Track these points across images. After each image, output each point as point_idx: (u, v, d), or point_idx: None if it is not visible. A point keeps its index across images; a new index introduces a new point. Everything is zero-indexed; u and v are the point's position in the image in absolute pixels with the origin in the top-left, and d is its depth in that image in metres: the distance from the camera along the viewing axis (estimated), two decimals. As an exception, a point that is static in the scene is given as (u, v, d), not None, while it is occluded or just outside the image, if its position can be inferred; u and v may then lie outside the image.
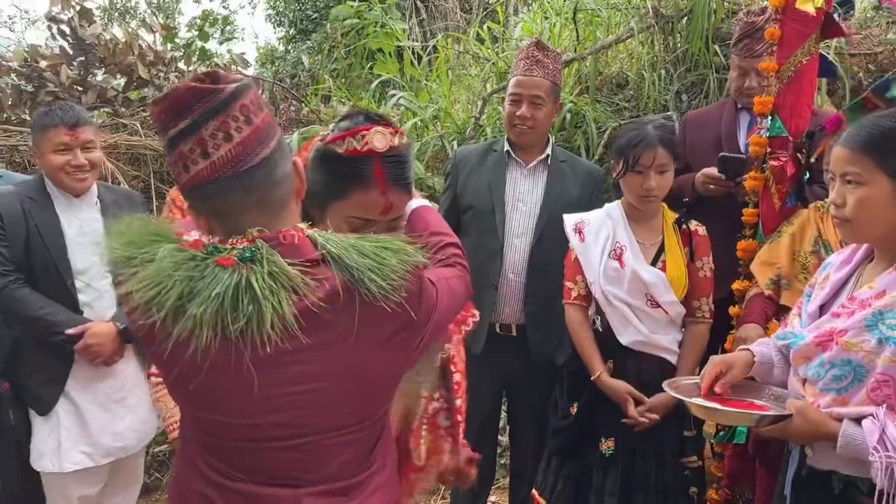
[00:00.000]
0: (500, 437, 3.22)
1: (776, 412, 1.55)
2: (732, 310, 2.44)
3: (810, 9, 2.33)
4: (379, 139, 1.33)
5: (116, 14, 17.77)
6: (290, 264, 1.10)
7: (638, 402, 2.25)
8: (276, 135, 1.15)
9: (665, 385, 1.79)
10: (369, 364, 1.18)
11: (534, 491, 2.45)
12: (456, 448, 1.74)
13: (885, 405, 1.43)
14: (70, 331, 2.28)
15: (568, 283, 2.40)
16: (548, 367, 2.58)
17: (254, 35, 21.38)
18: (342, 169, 1.35)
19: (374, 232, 1.34)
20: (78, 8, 4.27)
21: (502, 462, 3.37)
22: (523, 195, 2.63)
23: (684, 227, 2.33)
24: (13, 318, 2.34)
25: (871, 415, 1.43)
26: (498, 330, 2.62)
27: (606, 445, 2.30)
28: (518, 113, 2.57)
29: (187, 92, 1.08)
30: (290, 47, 10.75)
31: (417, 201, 1.55)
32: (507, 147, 2.67)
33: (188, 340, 1.07)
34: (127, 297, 1.11)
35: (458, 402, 1.83)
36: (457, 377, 1.83)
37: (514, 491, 2.86)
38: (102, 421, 2.39)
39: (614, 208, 2.39)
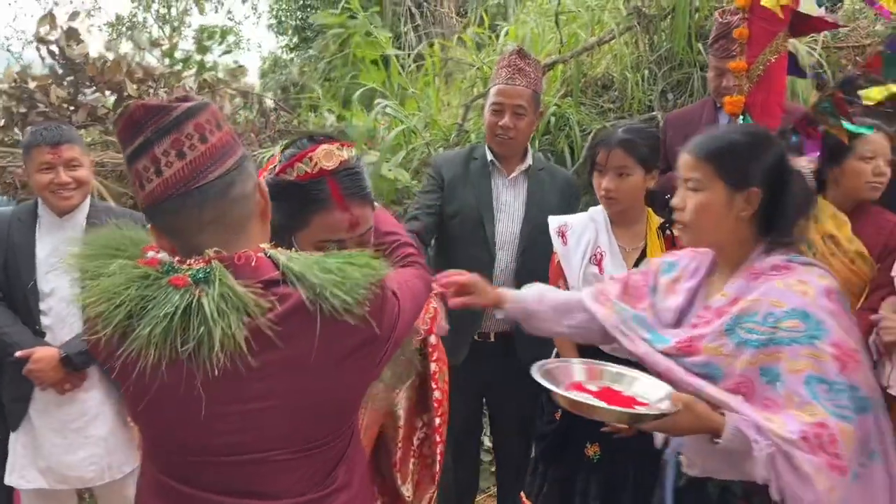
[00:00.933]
0: (489, 444, 3.21)
1: (659, 410, 1.50)
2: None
3: (775, 7, 2.31)
4: (327, 157, 1.33)
5: (124, 29, 17.99)
6: (244, 285, 1.09)
7: None
8: (234, 153, 1.15)
9: (534, 370, 1.67)
10: (328, 383, 1.17)
11: (522, 494, 2.46)
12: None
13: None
14: (17, 353, 2.29)
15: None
16: (529, 373, 2.57)
17: (258, 45, 21.48)
18: (297, 196, 1.35)
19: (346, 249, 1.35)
20: (65, 28, 4.31)
21: (493, 470, 3.36)
22: (506, 205, 2.62)
23: (668, 232, 2.30)
24: None
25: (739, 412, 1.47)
26: (476, 337, 2.61)
27: (592, 450, 2.29)
28: (500, 123, 2.54)
29: (139, 110, 1.09)
30: (293, 56, 10.82)
31: None
32: (489, 156, 2.65)
33: (136, 360, 1.07)
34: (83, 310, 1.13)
35: (437, 420, 1.82)
36: (437, 395, 1.82)
37: (502, 500, 2.85)
38: (56, 447, 2.38)
39: (598, 212, 2.38)
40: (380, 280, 1.19)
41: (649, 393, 1.62)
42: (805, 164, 1.68)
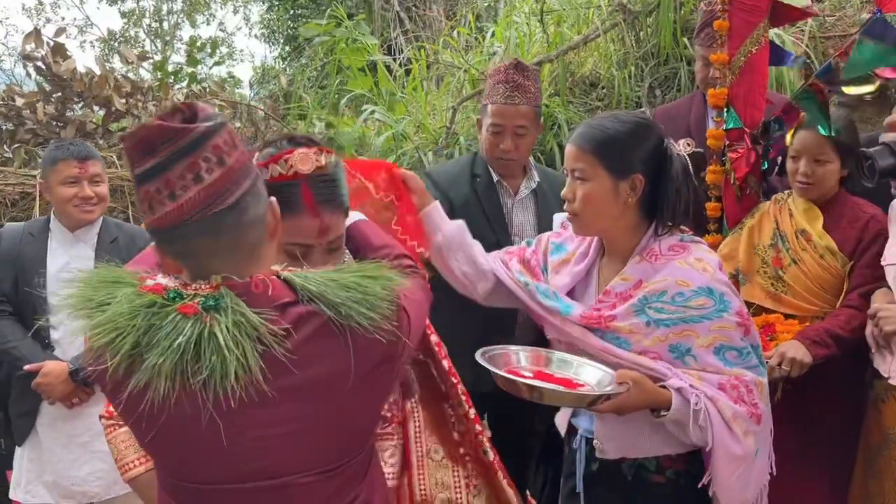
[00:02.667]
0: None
1: (615, 389, 1.50)
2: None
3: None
4: (303, 161, 1.30)
5: (117, 44, 18.04)
6: (258, 312, 1.05)
7: None
8: (250, 174, 1.10)
9: (478, 354, 1.61)
10: (350, 402, 1.14)
11: (528, 492, 2.46)
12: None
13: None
14: (26, 367, 2.31)
15: None
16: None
17: (251, 56, 21.52)
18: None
19: (312, 257, 1.32)
20: (51, 44, 4.31)
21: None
22: (520, 228, 2.46)
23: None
24: None
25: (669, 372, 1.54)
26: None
27: None
28: (501, 146, 2.36)
29: (155, 131, 1.03)
30: (285, 65, 10.84)
31: (353, 215, 1.53)
32: (494, 176, 2.46)
33: (145, 391, 1.03)
34: (86, 341, 1.09)
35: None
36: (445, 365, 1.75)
37: None
38: (63, 461, 2.39)
39: None
40: (399, 293, 1.17)
41: (584, 375, 1.61)
42: (683, 146, 1.68)
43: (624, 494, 1.64)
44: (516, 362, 1.67)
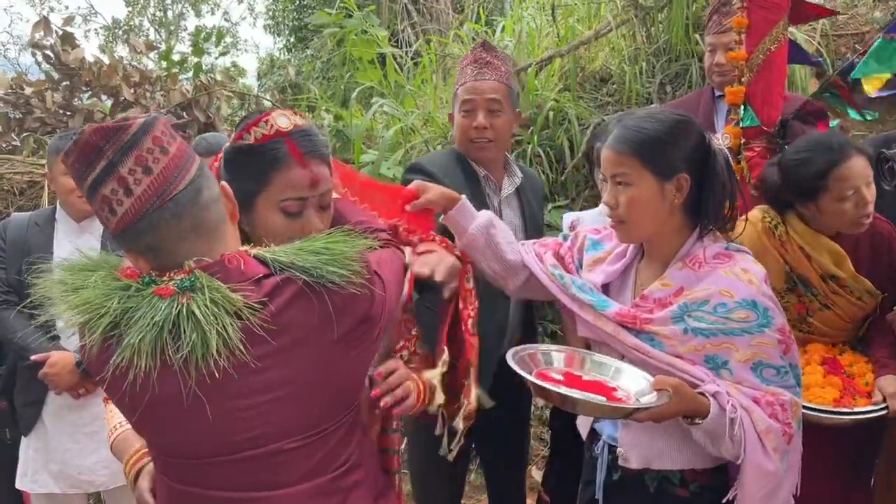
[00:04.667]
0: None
1: (652, 401, 1.44)
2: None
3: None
4: (282, 120, 1.35)
5: (121, 33, 18.00)
6: (233, 288, 1.09)
7: None
8: (195, 160, 1.16)
9: (509, 356, 1.56)
10: (333, 363, 1.18)
11: (541, 488, 2.47)
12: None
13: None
14: (33, 357, 2.31)
15: None
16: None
17: (255, 46, 21.47)
18: (257, 158, 1.35)
19: (307, 214, 1.35)
20: (60, 33, 4.30)
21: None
22: (509, 225, 2.25)
23: None
24: (1, 339, 2.43)
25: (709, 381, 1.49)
26: None
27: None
28: (475, 124, 2.19)
29: (95, 134, 1.07)
30: (290, 56, 10.80)
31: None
32: (481, 171, 2.29)
33: (127, 370, 1.07)
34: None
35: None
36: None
37: None
38: (69, 451, 2.40)
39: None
40: (367, 252, 1.22)
41: (619, 379, 1.56)
42: (720, 141, 1.64)
43: None
44: (547, 363, 1.62)
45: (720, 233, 1.62)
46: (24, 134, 4.23)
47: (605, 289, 1.69)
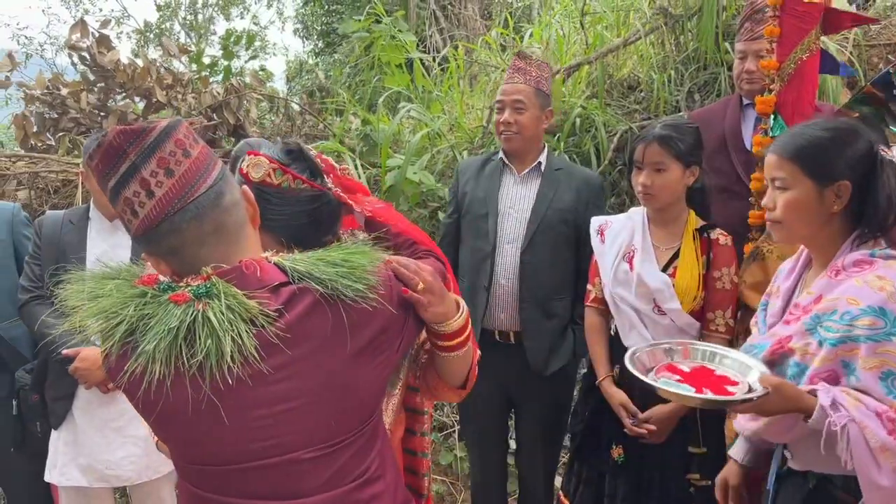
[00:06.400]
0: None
1: (750, 395, 1.54)
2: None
3: (816, -1, 2.27)
4: (255, 168, 1.36)
5: (152, 36, 18.28)
6: (250, 295, 1.09)
7: (635, 414, 2.22)
8: (216, 164, 1.17)
9: (626, 358, 1.73)
10: (351, 375, 1.18)
11: (560, 492, 2.48)
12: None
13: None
14: (64, 351, 2.33)
15: (588, 286, 2.43)
16: (553, 379, 2.58)
17: (284, 50, 21.67)
18: None
19: None
20: (97, 35, 4.38)
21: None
22: (515, 202, 2.65)
23: (705, 235, 2.25)
24: (31, 332, 2.47)
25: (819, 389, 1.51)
26: (497, 337, 2.62)
27: (618, 452, 2.29)
28: (502, 119, 2.63)
29: (119, 136, 1.08)
30: (318, 60, 10.90)
31: (372, 202, 1.56)
32: (501, 155, 2.72)
33: (142, 376, 1.07)
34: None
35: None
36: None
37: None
38: (97, 445, 2.43)
39: (637, 212, 2.37)
40: (385, 265, 1.22)
41: (742, 371, 1.66)
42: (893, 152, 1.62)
43: None
44: (663, 358, 1.77)
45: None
46: (60, 134, 4.31)
47: (785, 306, 1.72)
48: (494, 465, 2.80)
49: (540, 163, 2.67)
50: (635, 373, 1.69)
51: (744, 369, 1.67)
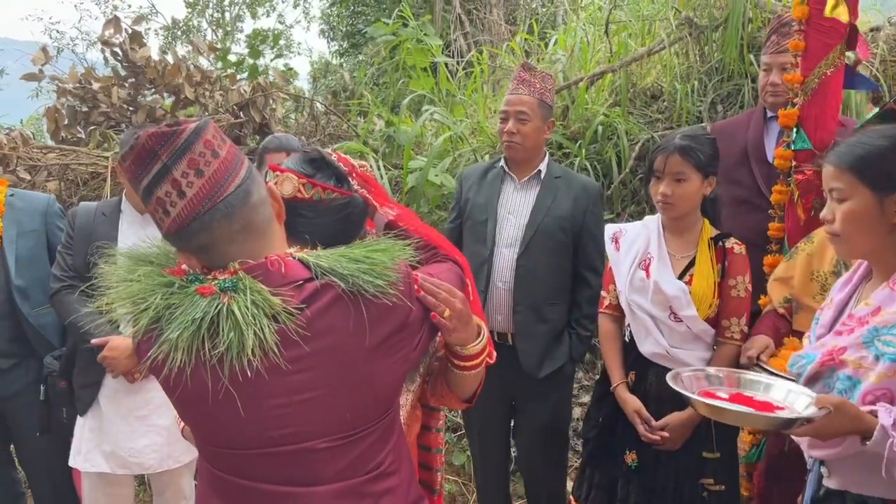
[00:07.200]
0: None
1: (806, 414, 1.48)
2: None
3: (842, 16, 2.28)
4: (286, 184, 1.38)
5: (179, 32, 18.49)
6: (274, 292, 1.13)
7: (648, 420, 2.24)
8: (244, 163, 1.20)
9: (669, 377, 1.73)
10: (370, 368, 1.21)
11: (570, 497, 2.50)
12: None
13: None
14: (94, 341, 2.38)
15: (602, 292, 2.47)
16: (550, 381, 2.63)
17: (308, 50, 21.82)
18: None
19: None
20: (129, 32, 4.47)
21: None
22: (514, 207, 2.71)
23: (720, 244, 2.28)
24: (62, 321, 2.52)
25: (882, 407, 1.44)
26: (496, 338, 2.67)
27: (631, 458, 2.31)
28: (505, 129, 2.68)
29: (150, 139, 1.11)
30: (342, 60, 10.98)
31: (393, 210, 1.58)
32: (503, 163, 2.79)
33: (164, 363, 1.11)
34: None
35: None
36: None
37: None
38: (121, 433, 2.49)
39: (652, 220, 2.40)
40: (407, 264, 1.25)
41: (788, 398, 1.63)
42: None
43: None
44: (708, 384, 1.75)
45: None
46: (91, 128, 4.41)
47: (837, 317, 1.68)
48: (495, 465, 2.84)
49: (540, 171, 2.73)
50: (674, 385, 1.68)
51: (791, 396, 1.63)
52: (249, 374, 1.10)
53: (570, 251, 2.64)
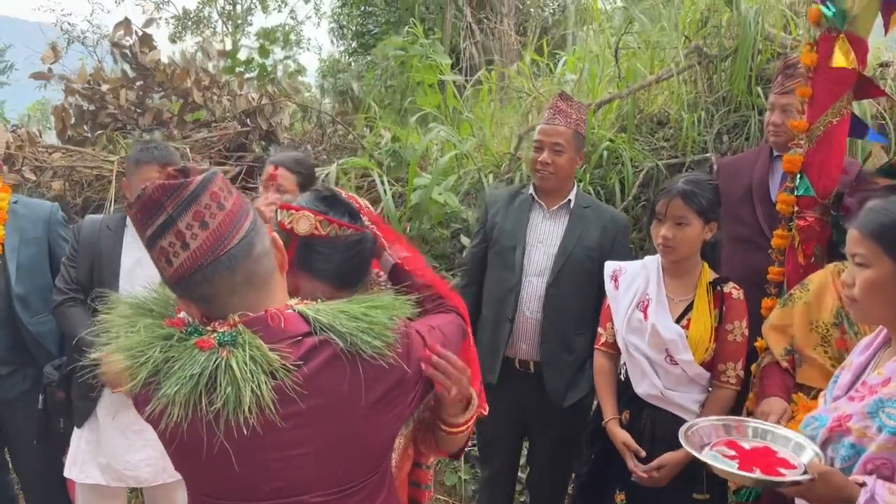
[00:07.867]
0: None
1: (795, 477, 1.54)
2: (753, 367, 2.41)
3: (849, 64, 2.28)
4: (301, 223, 1.38)
5: (190, 23, 18.50)
6: (272, 348, 1.13)
7: (639, 456, 2.25)
8: (248, 214, 1.20)
9: (681, 434, 1.74)
10: (363, 426, 1.21)
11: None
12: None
13: (874, 475, 1.48)
14: (93, 356, 2.39)
15: (599, 329, 2.47)
16: (570, 410, 2.64)
17: (318, 46, 21.82)
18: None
19: None
20: (140, 34, 4.48)
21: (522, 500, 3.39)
22: (544, 236, 2.71)
23: (718, 288, 2.29)
24: (63, 333, 2.53)
25: (863, 483, 1.46)
26: (517, 365, 2.68)
27: (620, 498, 2.32)
28: (540, 159, 2.67)
29: (157, 190, 1.12)
30: (351, 60, 10.99)
31: (400, 253, 1.58)
32: (531, 191, 2.78)
33: (160, 416, 1.12)
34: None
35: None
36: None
37: None
38: (118, 446, 2.49)
39: (652, 261, 2.40)
40: (405, 322, 1.26)
41: (796, 451, 1.67)
42: None
43: None
44: (714, 436, 1.77)
45: None
46: (99, 132, 4.41)
47: (854, 382, 1.68)
48: (502, 488, 2.86)
49: (570, 200, 2.73)
50: (687, 448, 1.69)
51: (797, 449, 1.66)
52: (245, 430, 1.11)
53: (596, 281, 2.61)
